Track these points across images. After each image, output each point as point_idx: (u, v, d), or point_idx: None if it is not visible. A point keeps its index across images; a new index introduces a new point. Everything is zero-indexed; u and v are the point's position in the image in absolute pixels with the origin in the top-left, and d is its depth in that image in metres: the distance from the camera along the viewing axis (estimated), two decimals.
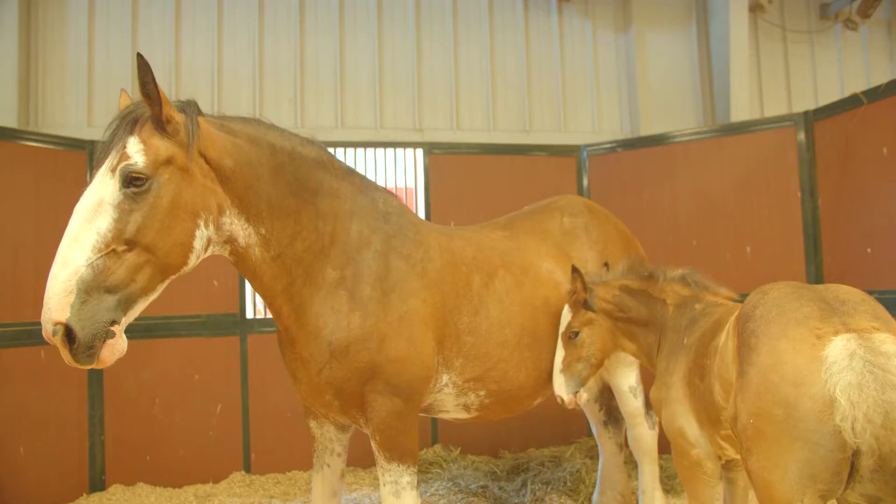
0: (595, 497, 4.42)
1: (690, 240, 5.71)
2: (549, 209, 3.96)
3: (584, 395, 3.30)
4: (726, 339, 2.48)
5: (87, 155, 5.23)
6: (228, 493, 5.09)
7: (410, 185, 6.28)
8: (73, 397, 5.07)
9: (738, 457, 2.69)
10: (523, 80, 7.62)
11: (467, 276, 3.35)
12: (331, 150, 3.80)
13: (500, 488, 4.92)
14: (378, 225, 3.19)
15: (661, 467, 4.75)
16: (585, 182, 6.26)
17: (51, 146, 5.09)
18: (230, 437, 5.45)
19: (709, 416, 2.65)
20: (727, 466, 2.98)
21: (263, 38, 7.05)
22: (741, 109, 7.30)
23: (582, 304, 3.27)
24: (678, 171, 5.83)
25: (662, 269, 3.25)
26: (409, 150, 6.18)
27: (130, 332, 2.48)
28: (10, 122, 6.11)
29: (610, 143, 6.24)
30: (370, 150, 6.13)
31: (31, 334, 4.75)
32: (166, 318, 5.34)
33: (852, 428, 1.82)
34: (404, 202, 4.83)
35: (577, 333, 3.26)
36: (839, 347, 1.92)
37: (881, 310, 2.09)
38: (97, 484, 5.12)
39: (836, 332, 1.96)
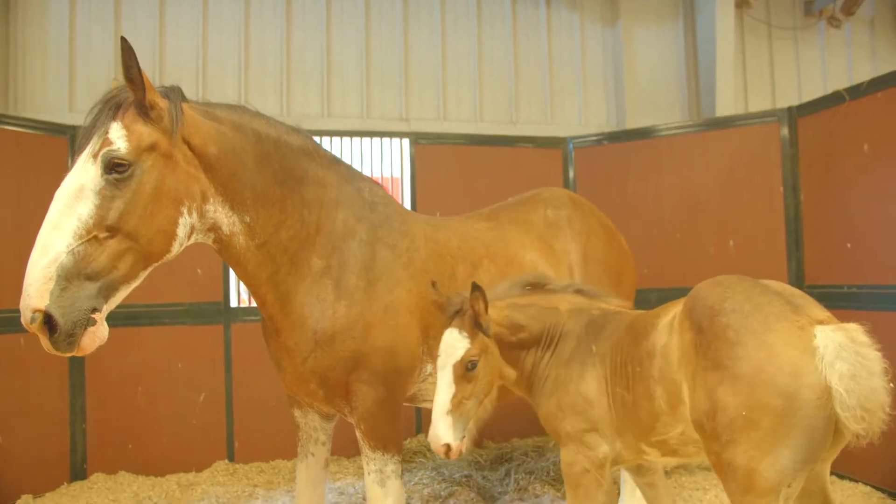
0: None
1: (674, 233, 5.75)
2: (534, 201, 3.97)
3: (467, 442, 2.75)
4: (669, 339, 2.41)
5: (68, 140, 5.16)
6: (212, 482, 5.07)
7: (397, 174, 6.27)
8: (53, 385, 5.02)
9: (662, 460, 2.66)
10: (511, 72, 7.62)
11: (452, 267, 3.35)
12: (317, 138, 3.78)
13: (484, 477, 4.95)
14: (364, 214, 3.18)
15: None
16: (571, 174, 6.28)
17: (31, 131, 5.01)
18: (213, 425, 5.43)
19: (638, 424, 2.54)
20: (642, 472, 2.97)
21: (249, 27, 6.98)
22: (726, 104, 7.35)
23: (479, 329, 2.77)
24: (663, 165, 5.87)
25: (544, 278, 3.04)
26: (396, 140, 6.16)
27: (113, 319, 2.46)
28: None
29: (596, 135, 6.25)
30: (356, 140, 6.10)
31: (10, 321, 4.70)
32: (150, 306, 5.29)
33: (851, 414, 1.96)
34: (390, 192, 4.83)
35: (475, 363, 2.73)
36: (826, 339, 2.04)
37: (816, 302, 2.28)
38: (78, 472, 5.09)
39: (811, 324, 2.10)
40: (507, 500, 4.54)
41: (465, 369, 2.71)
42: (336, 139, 6.00)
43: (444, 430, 2.65)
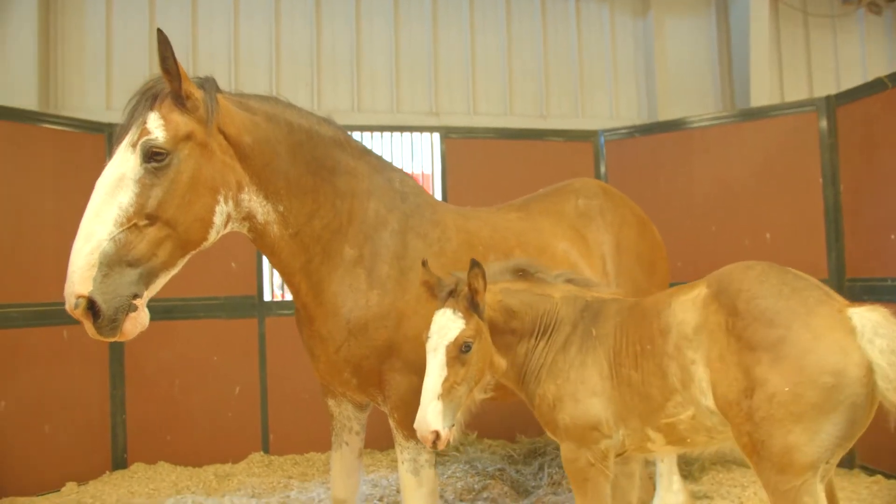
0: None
1: (709, 226, 5.66)
2: (565, 191, 3.95)
3: (456, 432, 2.57)
4: (686, 317, 2.43)
5: (105, 137, 5.28)
6: (248, 473, 5.15)
7: (427, 170, 6.28)
8: (95, 377, 5.15)
9: (666, 449, 2.61)
10: (540, 65, 7.58)
11: (483, 256, 3.34)
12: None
13: (517, 472, 4.94)
14: (395, 204, 3.19)
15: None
16: (602, 168, 6.22)
17: (70, 129, 5.15)
18: (249, 418, 5.51)
19: (647, 404, 2.51)
20: (625, 460, 2.91)
21: (280, 22, 7.06)
22: (761, 94, 7.21)
23: (474, 309, 2.64)
24: (696, 157, 5.78)
25: (535, 265, 2.91)
26: (426, 135, 6.17)
27: (150, 313, 2.51)
28: (31, 104, 6.17)
29: (627, 128, 6.19)
30: (386, 135, 6.13)
31: (53, 314, 4.83)
32: (185, 300, 5.39)
33: (893, 385, 2.09)
34: (431, 193, 4.83)
35: (470, 346, 2.58)
36: (863, 319, 2.16)
37: None
38: (119, 462, 5.21)
39: (845, 307, 2.22)
40: (541, 495, 4.52)
41: (459, 351, 2.57)
42: (366, 134, 6.03)
43: (433, 416, 2.48)
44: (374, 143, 6.08)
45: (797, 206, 5.32)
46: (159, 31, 2.40)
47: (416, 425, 2.51)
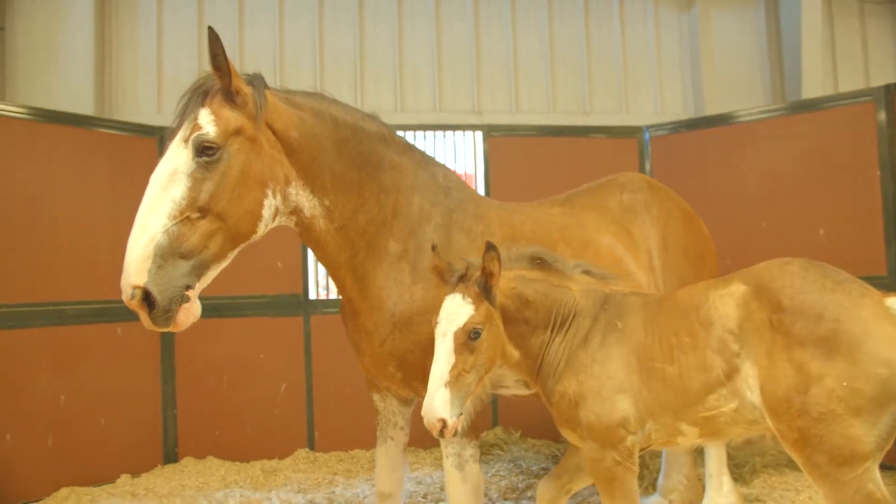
0: (660, 481, 4.33)
1: (759, 222, 5.51)
2: (609, 186, 3.89)
3: (462, 421, 2.49)
4: (728, 311, 2.41)
5: (157, 140, 5.43)
6: (293, 469, 5.22)
7: (470, 170, 6.28)
8: (147, 372, 5.30)
9: (699, 439, 2.56)
10: (583, 61, 7.50)
11: None
12: None
13: None
14: (439, 199, 3.20)
15: (727, 454, 4.62)
16: (647, 164, 6.12)
17: (124, 133, 5.32)
18: (294, 415, 5.58)
19: (684, 399, 2.46)
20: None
21: (324, 24, 7.16)
22: (813, 86, 7.00)
23: (485, 295, 2.54)
24: (745, 152, 5.63)
25: (551, 255, 2.79)
26: (468, 134, 6.17)
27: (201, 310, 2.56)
28: (88, 110, 6.40)
29: (672, 123, 6.07)
30: (429, 134, 6.15)
31: (108, 311, 4.98)
32: (233, 298, 5.50)
33: None
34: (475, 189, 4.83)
35: (479, 333, 2.49)
36: None
37: None
38: (171, 456, 5.34)
39: (882, 298, 2.29)
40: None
41: (468, 338, 2.48)
42: (409, 134, 6.06)
43: (440, 404, 2.40)
44: (417, 142, 6.11)
45: (853, 200, 5.13)
46: (210, 29, 2.47)
47: (423, 412, 2.44)
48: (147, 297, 2.33)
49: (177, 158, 2.47)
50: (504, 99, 7.35)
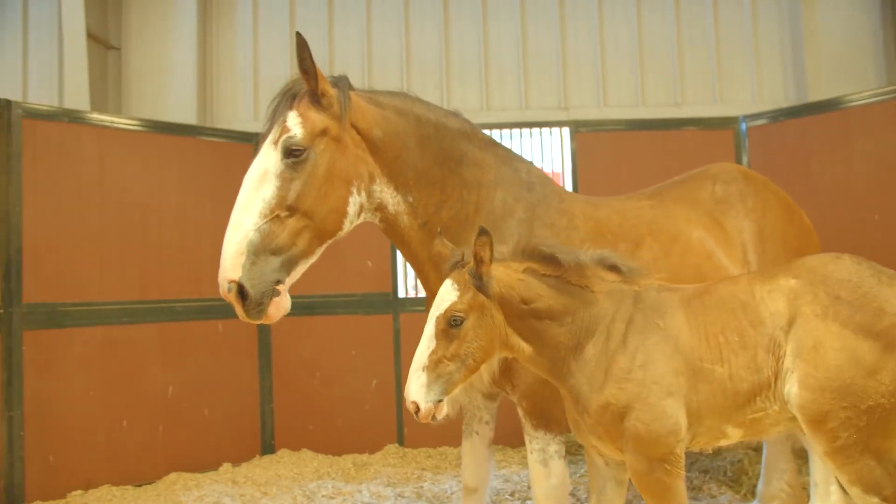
0: (759, 488, 4.12)
1: (871, 215, 5.13)
2: (701, 177, 3.75)
3: (444, 409, 2.42)
4: (778, 308, 2.37)
5: (253, 147, 5.70)
6: (383, 464, 5.34)
7: (557, 168, 6.21)
8: (245, 367, 5.58)
9: (741, 439, 2.49)
10: (673, 50, 7.23)
11: (613, 245, 3.24)
12: None
13: None
14: (522, 194, 3.19)
15: None
16: (745, 157, 5.84)
17: (224, 139, 5.63)
18: (384, 411, 5.71)
19: (733, 400, 2.36)
20: (623, 468, 2.61)
21: (409, 26, 7.30)
22: None
23: (475, 283, 2.43)
24: (855, 140, 5.26)
25: (572, 251, 2.61)
26: (555, 131, 6.11)
27: (293, 308, 2.70)
28: (191, 119, 6.84)
29: (772, 112, 5.77)
30: (515, 132, 6.13)
31: (210, 309, 5.29)
32: (325, 297, 5.70)
33: None
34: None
35: (461, 320, 2.38)
36: None
37: None
38: (268, 447, 5.60)
39: None
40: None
41: (448, 325, 2.38)
42: (495, 132, 6.07)
43: (415, 388, 2.36)
44: (503, 141, 6.10)
45: None
46: (298, 35, 2.61)
47: (404, 394, 2.42)
48: (241, 291, 2.49)
49: (267, 160, 2.63)
50: (591, 94, 7.21)
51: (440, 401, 2.38)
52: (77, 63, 6.35)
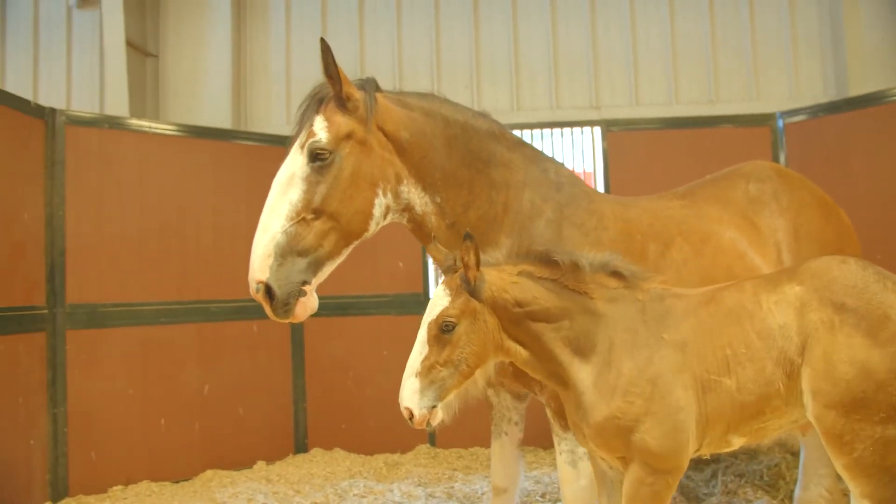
0: (797, 493, 4.02)
1: None
2: (733, 176, 3.69)
3: (439, 415, 2.39)
4: (787, 319, 2.31)
5: (286, 149, 5.80)
6: (415, 464, 5.37)
7: (589, 168, 6.17)
8: (279, 367, 5.67)
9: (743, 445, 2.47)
10: (707, 46, 7.08)
11: (642, 245, 3.22)
12: None
13: (687, 477, 4.67)
14: (550, 195, 3.18)
15: None
16: (782, 154, 5.71)
17: (257, 143, 5.73)
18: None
19: (740, 412, 2.32)
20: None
21: (439, 28, 7.32)
22: None
23: (466, 288, 2.39)
24: None
25: (570, 253, 2.53)
26: (586, 130, 6.06)
27: (325, 309, 2.78)
28: (226, 123, 6.98)
29: (811, 107, 5.64)
30: (546, 132, 6.10)
31: (245, 310, 5.38)
32: (357, 298, 5.76)
33: None
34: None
35: (452, 325, 2.35)
36: None
37: None
38: (301, 446, 5.69)
39: None
40: (714, 503, 4.24)
41: (440, 330, 2.35)
42: (526, 132, 6.05)
43: (407, 394, 2.34)
44: (534, 141, 6.08)
45: None
46: (322, 41, 2.67)
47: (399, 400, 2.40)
48: (268, 292, 2.57)
49: (294, 163, 2.71)
50: (623, 92, 7.12)
51: (434, 406, 2.36)
52: (117, 71, 6.55)
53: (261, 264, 2.59)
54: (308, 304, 2.66)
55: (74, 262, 4.83)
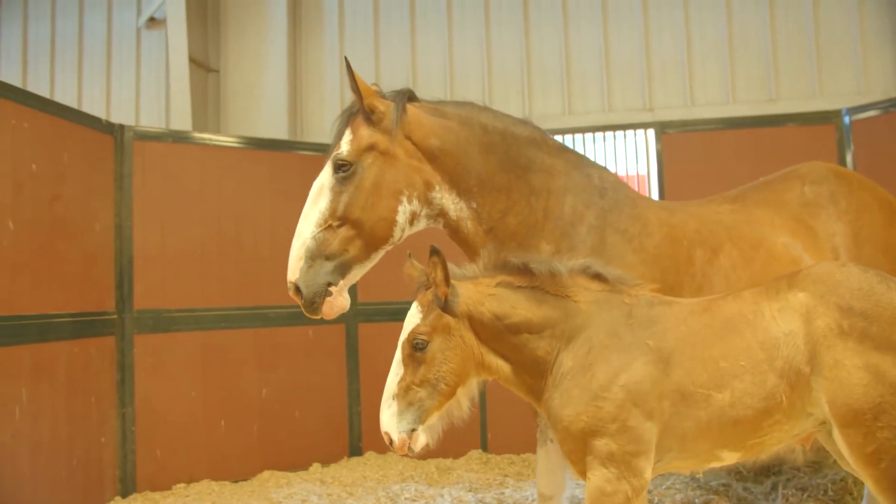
0: None
1: None
2: (788, 178, 3.55)
3: (422, 438, 2.30)
4: (794, 328, 2.20)
5: None
6: (466, 469, 5.39)
7: (642, 171, 6.06)
8: (334, 371, 5.80)
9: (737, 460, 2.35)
10: (766, 42, 6.81)
11: (688, 251, 3.14)
12: (559, 138, 3.81)
13: (746, 489, 4.51)
14: (593, 200, 3.16)
15: None
16: (848, 154, 5.45)
17: (313, 153, 5.89)
18: (468, 417, 5.73)
19: (732, 428, 2.19)
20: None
21: (490, 35, 7.35)
22: None
23: (438, 304, 2.30)
24: None
25: (546, 260, 2.46)
26: (640, 133, 5.96)
27: (379, 315, 2.94)
28: (283, 134, 7.24)
29: (881, 103, 5.36)
30: (599, 135, 6.03)
31: (301, 315, 5.40)
32: (409, 304, 5.80)
33: None
34: (636, 189, 4.67)
35: (424, 343, 2.26)
36: None
37: None
38: (355, 449, 5.79)
39: None
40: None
41: (412, 349, 2.27)
42: (578, 136, 6.00)
43: (386, 418, 2.28)
44: (587, 145, 6.01)
45: None
46: (345, 59, 2.89)
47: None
48: (298, 291, 2.81)
49: (324, 175, 2.91)
50: (677, 93, 6.94)
51: (414, 430, 2.29)
52: (181, 87, 6.88)
53: (293, 266, 2.83)
54: (335, 303, 2.86)
55: (141, 270, 5.09)
